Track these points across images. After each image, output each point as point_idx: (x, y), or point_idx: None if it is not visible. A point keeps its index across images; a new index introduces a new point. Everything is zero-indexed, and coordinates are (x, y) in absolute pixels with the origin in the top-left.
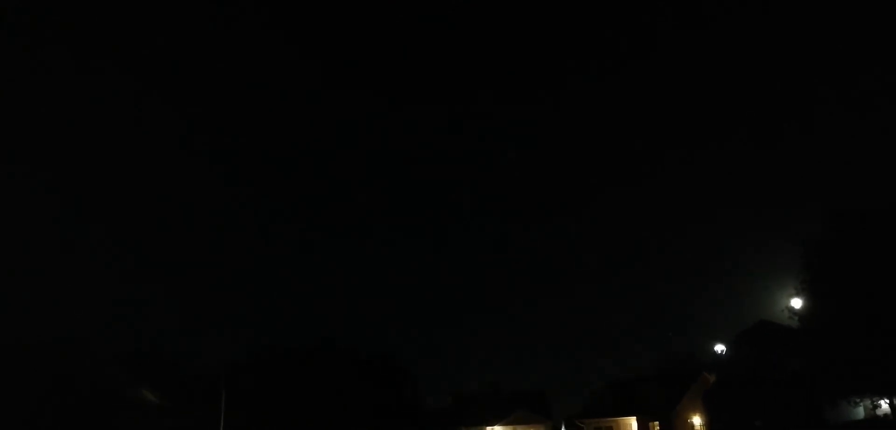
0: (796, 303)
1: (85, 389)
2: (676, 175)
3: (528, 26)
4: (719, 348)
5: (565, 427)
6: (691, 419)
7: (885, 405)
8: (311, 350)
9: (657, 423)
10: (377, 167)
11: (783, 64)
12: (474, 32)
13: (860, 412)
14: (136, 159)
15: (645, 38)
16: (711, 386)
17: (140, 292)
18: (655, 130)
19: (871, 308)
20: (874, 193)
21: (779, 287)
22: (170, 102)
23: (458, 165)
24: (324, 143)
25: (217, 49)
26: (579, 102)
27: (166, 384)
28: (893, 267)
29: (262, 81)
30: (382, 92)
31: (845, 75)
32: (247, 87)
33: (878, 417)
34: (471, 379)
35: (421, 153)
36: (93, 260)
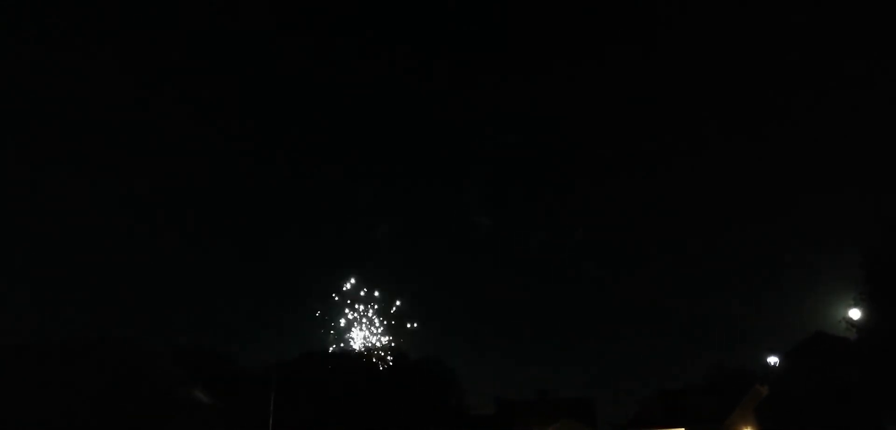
0: (855, 314)
1: (140, 388)
2: (730, 176)
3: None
4: (773, 359)
5: None
6: None
7: None
8: (358, 353)
9: None
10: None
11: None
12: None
13: None
14: (191, 156)
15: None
16: (764, 398)
17: (191, 290)
18: (705, 120)
19: None
20: None
21: (836, 297)
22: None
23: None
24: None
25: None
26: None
27: (217, 382)
28: None
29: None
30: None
31: None
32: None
33: None
34: (516, 385)
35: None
36: (145, 259)
